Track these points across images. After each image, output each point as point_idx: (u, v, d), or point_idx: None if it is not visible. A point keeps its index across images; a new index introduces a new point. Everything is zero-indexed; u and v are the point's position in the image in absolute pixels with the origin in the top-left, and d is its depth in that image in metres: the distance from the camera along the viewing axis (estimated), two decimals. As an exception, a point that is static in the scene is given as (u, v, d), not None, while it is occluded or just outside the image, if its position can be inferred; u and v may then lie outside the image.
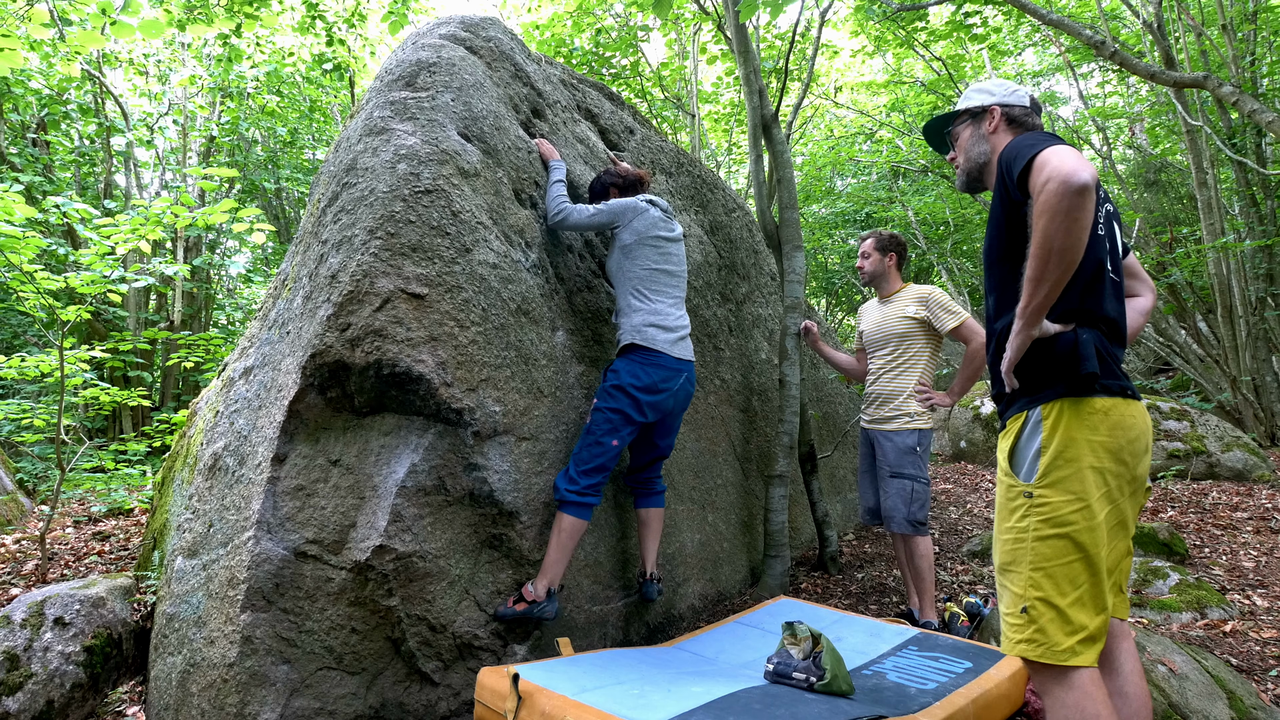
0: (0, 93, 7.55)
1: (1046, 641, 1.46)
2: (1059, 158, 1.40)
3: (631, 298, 2.70)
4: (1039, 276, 1.45)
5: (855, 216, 10.99)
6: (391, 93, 2.56)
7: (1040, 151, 1.46)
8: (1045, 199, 1.39)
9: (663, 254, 2.74)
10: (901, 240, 3.29)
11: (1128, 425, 1.54)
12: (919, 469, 3.02)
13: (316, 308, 2.29)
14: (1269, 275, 6.97)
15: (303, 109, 10.19)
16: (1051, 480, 1.51)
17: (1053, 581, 1.48)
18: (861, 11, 6.26)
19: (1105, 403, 1.53)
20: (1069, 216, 1.37)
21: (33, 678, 2.35)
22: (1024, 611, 1.50)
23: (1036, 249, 1.43)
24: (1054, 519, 1.49)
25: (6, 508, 4.15)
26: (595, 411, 2.57)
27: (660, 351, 2.64)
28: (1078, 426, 1.51)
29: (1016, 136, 1.65)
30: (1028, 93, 1.84)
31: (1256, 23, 6.68)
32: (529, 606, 2.38)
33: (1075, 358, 1.52)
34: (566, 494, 2.46)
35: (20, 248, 3.38)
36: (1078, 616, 1.46)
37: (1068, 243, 1.39)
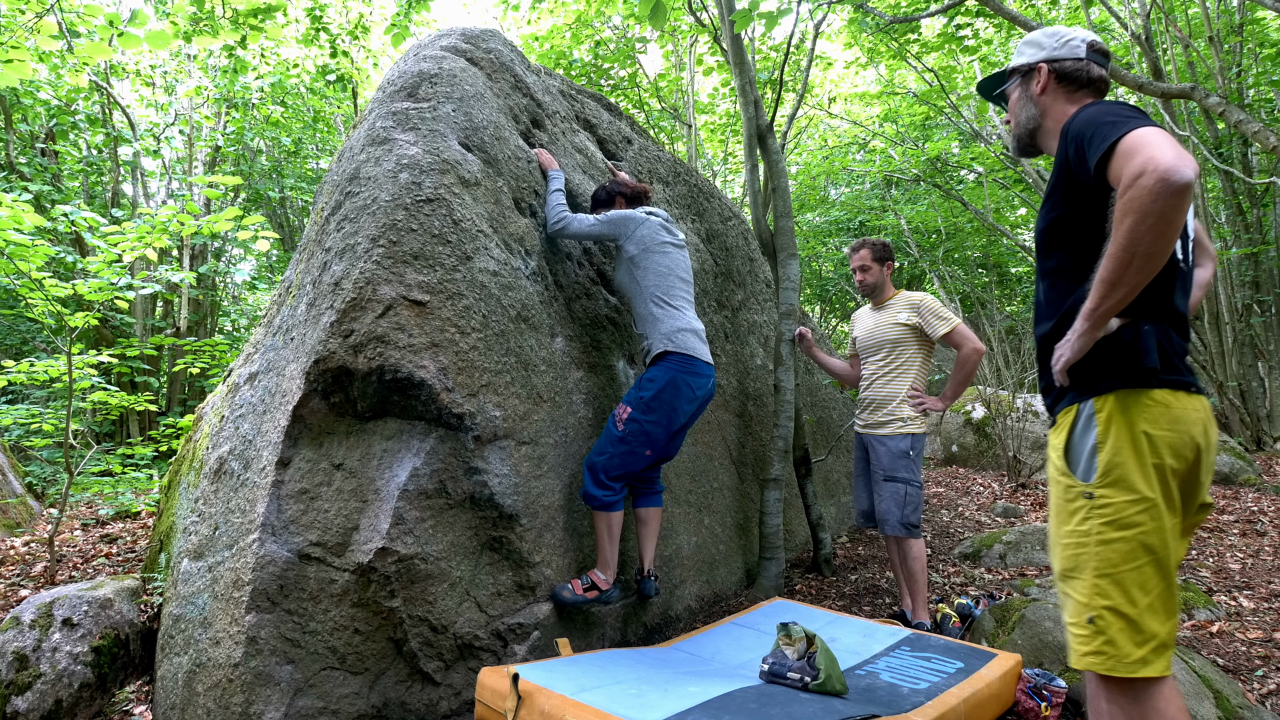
0: (10, 103, 7.65)
1: (1116, 654, 1.33)
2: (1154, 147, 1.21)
3: (653, 305, 2.70)
4: (1116, 279, 1.29)
5: (849, 225, 11.05)
6: (394, 103, 2.59)
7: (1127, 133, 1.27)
8: (1136, 196, 1.21)
9: (672, 260, 2.78)
10: (891, 246, 3.34)
11: (1191, 420, 1.40)
12: (912, 473, 3.05)
13: (320, 314, 2.31)
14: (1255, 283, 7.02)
15: (307, 119, 10.28)
16: (1113, 479, 1.37)
17: (1121, 588, 1.34)
18: (855, 24, 6.33)
19: (1166, 395, 1.39)
20: (1163, 219, 1.20)
21: (41, 677, 2.38)
22: (1090, 622, 1.36)
23: (1118, 250, 1.26)
24: (1119, 520, 1.36)
25: (16, 511, 4.19)
26: (630, 422, 2.57)
27: (695, 357, 2.66)
28: (1138, 420, 1.37)
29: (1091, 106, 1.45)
30: (1083, 39, 1.60)
31: (1242, 35, 6.76)
32: (600, 594, 2.56)
33: (1136, 350, 1.39)
34: (605, 499, 2.56)
35: (29, 255, 3.43)
36: (1149, 624, 1.33)
37: (1156, 247, 1.23)
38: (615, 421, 2.62)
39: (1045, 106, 1.63)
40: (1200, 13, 6.95)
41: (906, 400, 3.10)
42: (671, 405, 2.60)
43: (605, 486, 2.56)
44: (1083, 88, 1.60)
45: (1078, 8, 8.40)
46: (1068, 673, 2.39)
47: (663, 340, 2.66)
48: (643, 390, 2.62)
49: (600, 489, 2.56)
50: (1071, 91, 1.61)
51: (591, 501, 2.59)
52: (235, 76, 8.20)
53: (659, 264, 2.74)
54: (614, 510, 2.60)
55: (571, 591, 2.53)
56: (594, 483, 2.58)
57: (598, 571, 2.60)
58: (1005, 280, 11.70)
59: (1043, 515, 4.85)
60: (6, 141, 7.59)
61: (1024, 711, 2.26)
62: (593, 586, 2.57)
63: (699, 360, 2.67)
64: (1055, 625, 2.55)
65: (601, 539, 2.61)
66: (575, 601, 2.53)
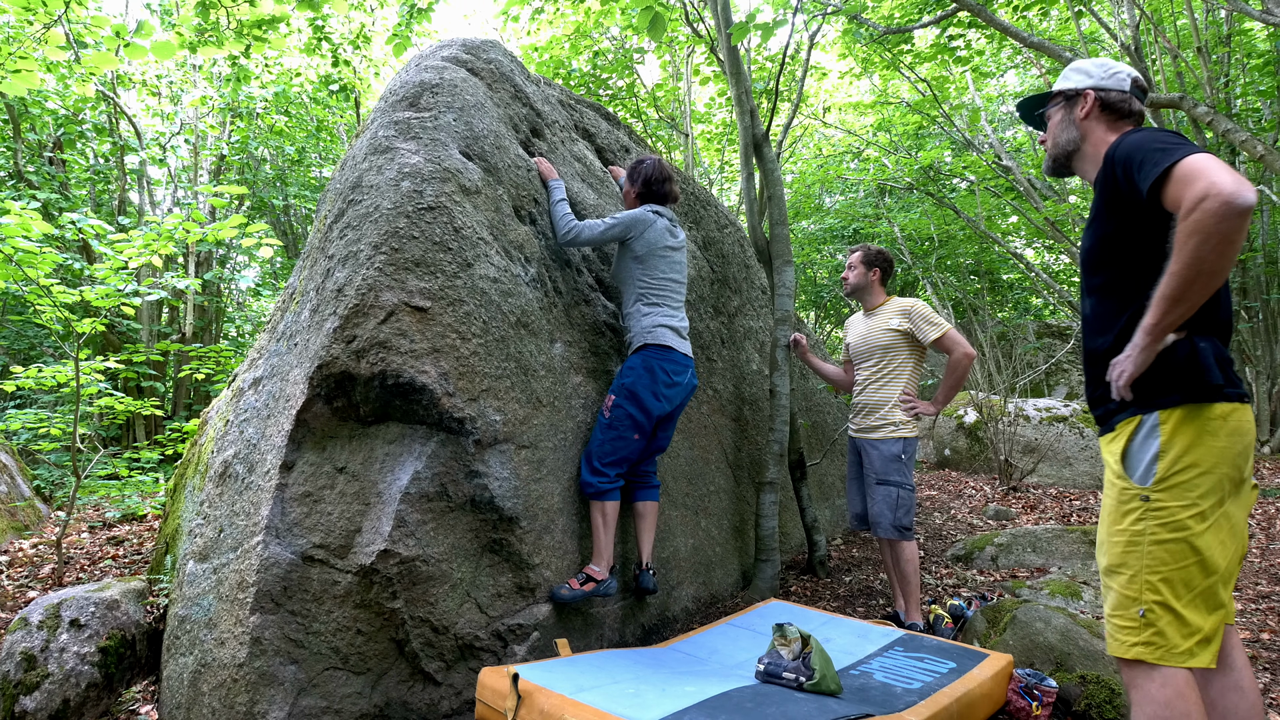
0: (18, 113, 7.73)
1: (1165, 644, 1.45)
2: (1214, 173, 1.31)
3: (640, 303, 2.87)
4: (1179, 296, 1.38)
5: (843, 232, 11.12)
6: (396, 113, 2.62)
7: (1182, 160, 1.36)
8: (1201, 219, 1.30)
9: (670, 263, 2.92)
10: (888, 256, 3.37)
11: (1244, 430, 1.50)
12: (904, 476, 3.08)
13: (323, 320, 2.34)
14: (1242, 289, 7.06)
15: (310, 128, 10.36)
16: (1170, 485, 1.48)
17: (1170, 585, 1.46)
18: (849, 35, 6.39)
19: (1225, 408, 1.48)
20: (1227, 240, 1.29)
21: (49, 677, 2.40)
22: (1142, 615, 1.48)
23: (1182, 268, 1.35)
24: (1172, 523, 1.47)
25: (24, 513, 4.22)
26: (615, 408, 2.73)
27: (671, 348, 2.81)
28: (1199, 433, 1.47)
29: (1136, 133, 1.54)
30: (1129, 74, 1.70)
31: (1230, 46, 6.82)
32: (597, 585, 2.62)
33: (1198, 368, 1.48)
34: (600, 485, 2.67)
35: (38, 262, 3.46)
36: (1194, 619, 1.45)
37: (1219, 266, 1.32)
38: (604, 410, 2.78)
39: (1087, 131, 1.71)
40: (1189, 24, 7.01)
41: (899, 405, 3.13)
42: (651, 389, 2.75)
43: (599, 473, 2.69)
44: (1124, 118, 1.70)
45: (1068, 19, 8.46)
46: (1058, 672, 2.42)
47: (641, 335, 2.84)
48: (624, 378, 2.79)
49: (594, 475, 2.69)
50: (1113, 120, 1.70)
51: (587, 488, 2.70)
52: (239, 86, 8.28)
53: (658, 266, 2.89)
54: (608, 499, 2.69)
55: (569, 589, 2.58)
56: (588, 469, 2.71)
57: (593, 565, 2.66)
58: (997, 287, 11.75)
59: (1034, 518, 4.87)
60: (15, 150, 7.68)
61: (1015, 711, 2.29)
62: (588, 579, 2.62)
63: (674, 350, 2.83)
64: (1045, 626, 2.57)
65: (597, 529, 2.69)
66: (573, 597, 2.57)
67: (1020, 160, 9.75)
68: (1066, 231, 8.13)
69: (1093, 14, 6.70)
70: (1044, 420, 6.25)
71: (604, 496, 2.69)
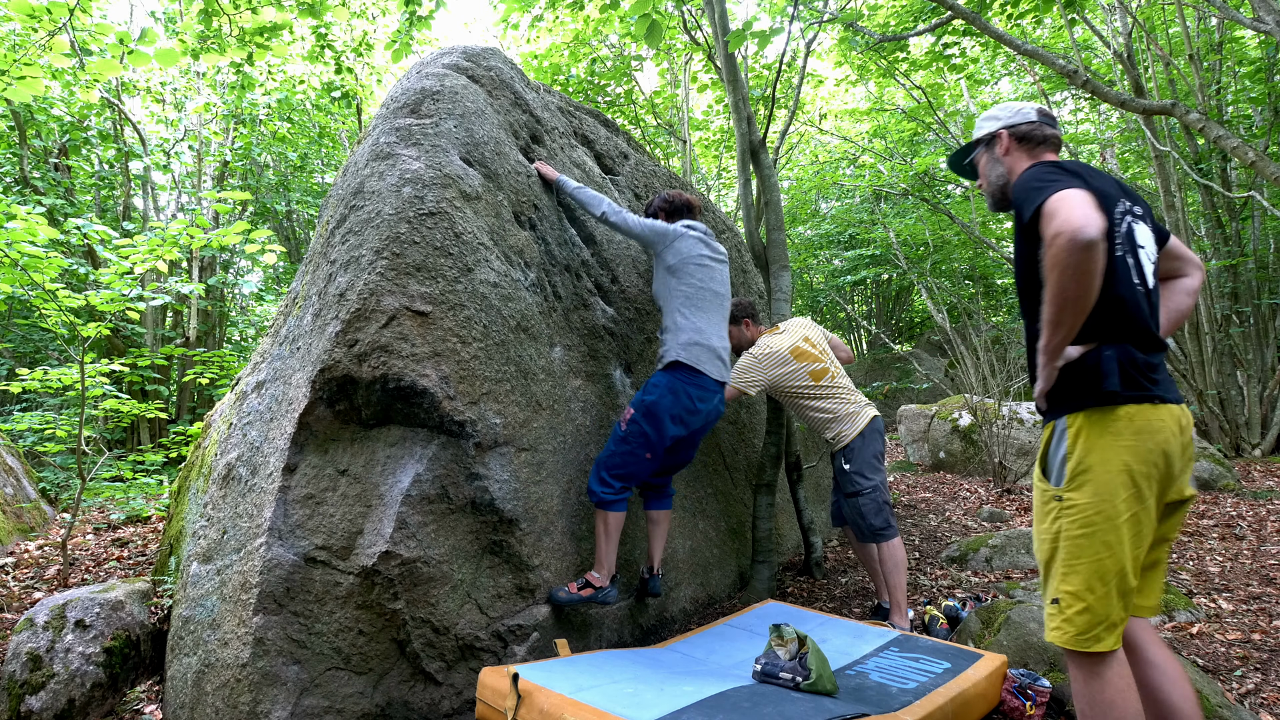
0: (24, 119, 7.79)
1: (1072, 629, 1.57)
2: (1068, 208, 1.42)
3: (677, 315, 2.76)
4: (1056, 321, 1.51)
5: (839, 238, 11.19)
6: (397, 119, 2.64)
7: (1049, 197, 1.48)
8: (1055, 254, 1.42)
9: (708, 273, 2.84)
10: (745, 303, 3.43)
11: (1155, 429, 1.57)
12: (858, 483, 3.10)
13: (325, 325, 2.36)
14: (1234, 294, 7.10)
15: (312, 135, 10.42)
16: (1078, 484, 1.59)
17: (1080, 576, 1.56)
18: (845, 42, 6.43)
19: (1130, 410, 1.57)
20: (1080, 270, 1.41)
21: (55, 677, 2.42)
22: (1055, 603, 1.61)
23: (1052, 296, 1.48)
24: (1081, 519, 1.57)
25: (30, 515, 4.25)
26: (631, 423, 2.65)
27: (702, 372, 2.70)
28: (1101, 434, 1.57)
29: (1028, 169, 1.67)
30: (1034, 108, 1.85)
31: (1222, 53, 6.87)
32: (595, 592, 2.60)
33: (1098, 375, 1.58)
34: (604, 495, 2.62)
35: (43, 267, 3.49)
36: (1101, 608, 1.55)
37: (1080, 292, 1.44)
38: (620, 422, 2.71)
39: (1011, 165, 1.85)
40: (1181, 31, 7.06)
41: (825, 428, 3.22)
42: (671, 412, 2.65)
43: (605, 484, 2.64)
44: (1040, 144, 1.83)
45: (1061, 27, 8.52)
46: (1052, 673, 2.44)
47: (674, 350, 2.71)
48: (647, 394, 2.69)
49: (601, 485, 2.64)
50: (1031, 148, 1.84)
51: (591, 496, 2.67)
52: (243, 93, 8.34)
53: (694, 276, 2.80)
54: (612, 510, 2.65)
55: (567, 593, 2.58)
56: (596, 478, 2.67)
57: (593, 572, 2.65)
58: (991, 291, 11.80)
59: (1028, 520, 4.89)
60: (21, 156, 7.73)
61: (1009, 710, 2.30)
62: (587, 585, 2.61)
63: (705, 375, 2.70)
64: (1039, 627, 2.59)
65: (599, 538, 2.66)
66: (569, 601, 2.57)
67: (1017, 165, 9.75)
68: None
69: (1085, 22, 6.75)
70: (1038, 423, 6.26)
71: (608, 507, 2.64)
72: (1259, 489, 5.25)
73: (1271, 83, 6.58)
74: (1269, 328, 7.15)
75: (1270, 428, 6.74)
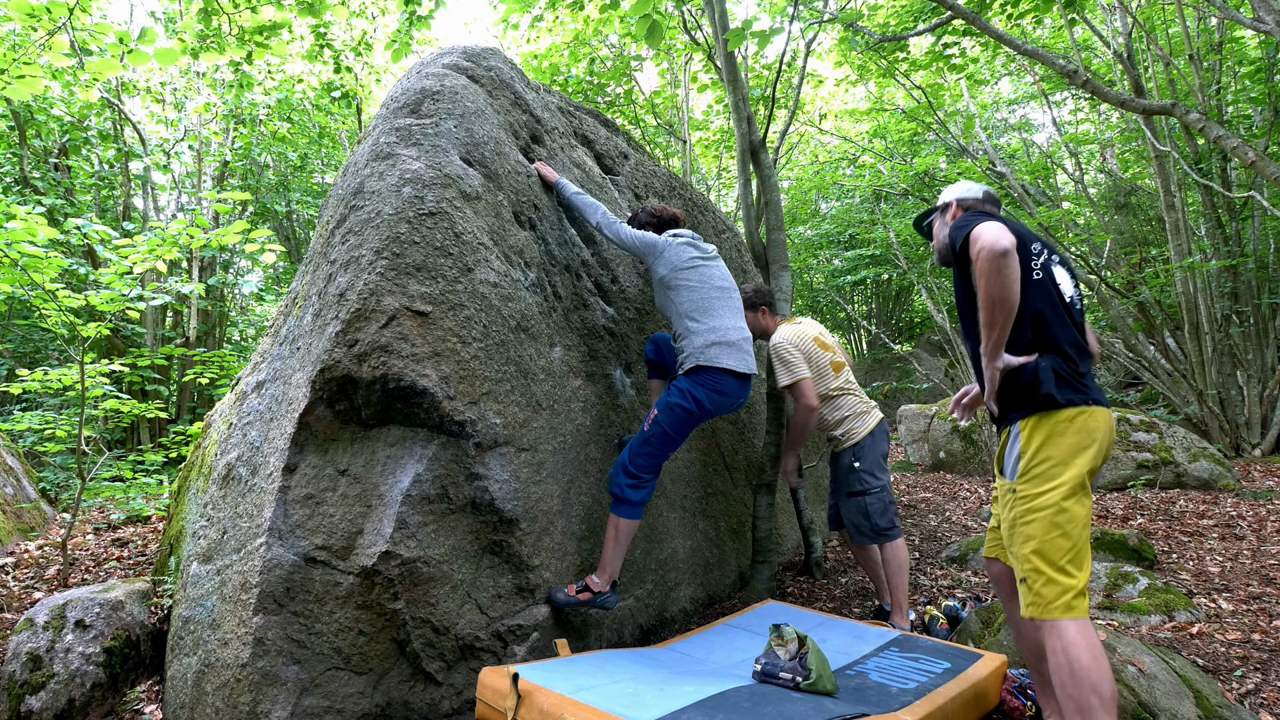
0: (24, 119, 7.80)
1: (1043, 601, 1.81)
2: (986, 232, 1.81)
3: (687, 321, 2.76)
4: (989, 322, 1.85)
5: (839, 238, 11.20)
6: (397, 119, 2.64)
7: (972, 229, 1.87)
8: (980, 265, 1.81)
9: (705, 272, 2.83)
10: (762, 289, 3.41)
11: (1092, 428, 1.88)
12: (866, 482, 3.09)
13: (325, 325, 2.37)
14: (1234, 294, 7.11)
15: (312, 135, 10.42)
16: (1030, 477, 1.88)
17: (1041, 555, 1.83)
18: (845, 42, 6.43)
19: (1071, 412, 1.87)
20: (999, 274, 1.78)
21: (55, 677, 2.42)
22: (1022, 581, 1.87)
23: (982, 301, 1.84)
24: (1033, 507, 1.86)
25: (30, 515, 4.25)
26: (654, 424, 2.68)
27: (725, 370, 2.70)
28: (1049, 433, 1.87)
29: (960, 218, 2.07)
30: (983, 188, 2.28)
31: (1222, 53, 6.87)
32: (594, 596, 2.60)
33: (1037, 383, 1.88)
34: (630, 493, 2.65)
35: (43, 267, 3.49)
36: (1063, 579, 1.80)
37: (1002, 294, 1.80)
38: (645, 422, 2.73)
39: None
40: (1181, 32, 7.07)
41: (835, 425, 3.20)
42: (695, 415, 2.69)
43: (632, 476, 2.66)
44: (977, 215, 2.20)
45: (1061, 27, 8.52)
46: (1052, 672, 2.44)
47: (694, 356, 2.71)
48: (671, 396, 2.71)
49: (628, 479, 2.66)
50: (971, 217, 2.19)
51: (611, 490, 2.69)
52: (241, 91, 8.35)
53: (690, 280, 2.79)
54: (628, 516, 2.65)
55: (565, 594, 2.58)
56: (623, 473, 2.68)
57: (594, 576, 2.64)
58: (992, 291, 11.78)
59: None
60: (21, 156, 7.74)
61: (1009, 710, 2.31)
62: (586, 589, 2.60)
63: (727, 376, 2.70)
64: (1040, 626, 2.60)
65: (608, 543, 2.65)
66: (566, 603, 2.56)
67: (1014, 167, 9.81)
68: (1060, 237, 8.17)
69: (1085, 22, 6.76)
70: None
71: (625, 510, 2.64)
72: (1259, 489, 5.25)
73: (1271, 83, 6.58)
74: (1269, 328, 7.15)
75: (1270, 428, 6.75)
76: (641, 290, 3.49)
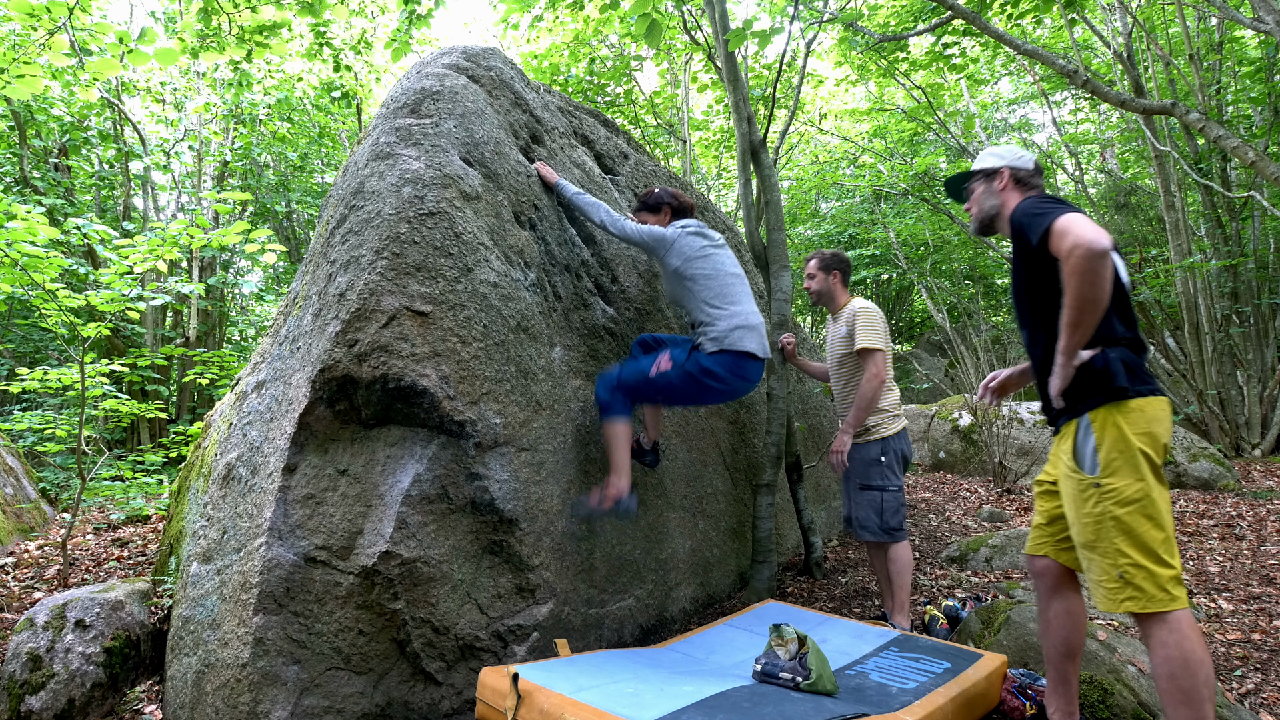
0: (24, 119, 7.80)
1: (1145, 595, 1.76)
2: (1081, 228, 1.71)
3: (709, 308, 2.80)
4: (1076, 322, 1.77)
5: (839, 237, 11.20)
6: (397, 119, 2.64)
7: (1057, 219, 1.76)
8: (1073, 263, 1.71)
9: (717, 261, 2.87)
10: (844, 258, 3.37)
11: (1162, 417, 1.86)
12: (886, 479, 3.06)
13: (325, 325, 2.37)
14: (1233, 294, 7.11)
15: (312, 135, 10.43)
16: (1112, 470, 1.82)
17: (1139, 548, 1.78)
18: (845, 42, 6.44)
19: (1140, 402, 1.84)
20: (1097, 275, 1.69)
21: (55, 677, 2.43)
22: (1120, 577, 1.80)
23: (1072, 301, 1.75)
24: (1122, 499, 1.80)
25: (30, 515, 4.25)
26: (663, 375, 2.74)
27: (749, 354, 2.76)
28: (1123, 423, 1.82)
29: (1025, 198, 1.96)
30: (1032, 157, 2.12)
31: (1222, 53, 6.87)
32: (616, 504, 2.69)
33: (1109, 374, 1.84)
34: (615, 408, 2.75)
35: (43, 267, 3.50)
36: (1160, 570, 1.76)
37: (1096, 295, 1.72)
38: (655, 363, 2.78)
39: (1004, 200, 2.14)
40: (1181, 31, 7.07)
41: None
42: (707, 388, 2.76)
43: (620, 398, 2.76)
44: (1029, 189, 2.13)
45: (1061, 27, 8.52)
46: (1052, 672, 2.44)
47: (719, 340, 2.76)
48: (690, 365, 2.75)
49: (612, 397, 2.76)
50: (1023, 191, 2.13)
51: (599, 400, 2.79)
52: (241, 90, 8.35)
53: (704, 268, 2.84)
54: (619, 419, 2.76)
55: (590, 505, 2.68)
56: (608, 389, 2.78)
57: (612, 479, 2.71)
58: (991, 291, 11.82)
59: (1028, 520, 4.90)
60: (21, 156, 7.74)
61: (1009, 710, 2.31)
62: (609, 499, 2.70)
63: (750, 360, 2.77)
64: (1040, 626, 2.60)
65: (612, 447, 2.74)
66: (592, 514, 2.66)
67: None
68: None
69: (1085, 22, 6.76)
70: (1037, 423, 6.28)
71: (615, 416, 2.75)
72: (1259, 489, 5.26)
73: (1271, 83, 6.58)
74: (1269, 328, 7.15)
75: (1270, 428, 6.75)
76: (642, 290, 3.49)
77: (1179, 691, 1.70)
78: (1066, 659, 2.06)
